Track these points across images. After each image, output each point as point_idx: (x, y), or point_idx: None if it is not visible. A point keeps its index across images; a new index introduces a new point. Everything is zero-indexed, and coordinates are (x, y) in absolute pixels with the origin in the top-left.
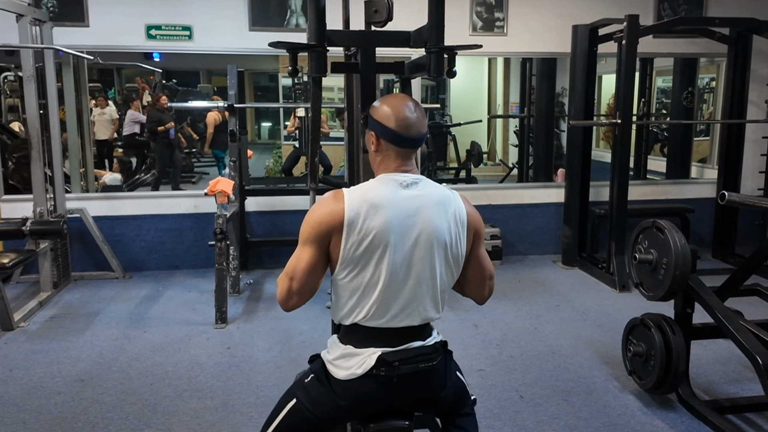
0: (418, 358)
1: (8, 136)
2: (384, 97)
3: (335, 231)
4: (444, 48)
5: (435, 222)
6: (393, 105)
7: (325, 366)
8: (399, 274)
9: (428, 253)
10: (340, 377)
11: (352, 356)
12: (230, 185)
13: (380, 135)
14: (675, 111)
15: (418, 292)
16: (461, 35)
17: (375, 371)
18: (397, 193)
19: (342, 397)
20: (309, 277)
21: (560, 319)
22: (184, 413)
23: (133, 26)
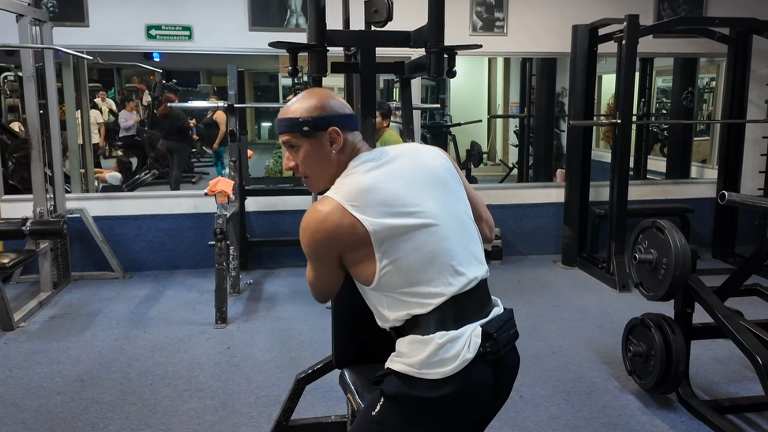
0: (508, 324)
1: (8, 136)
2: (306, 95)
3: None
4: (444, 48)
5: (431, 162)
6: (328, 95)
7: (407, 380)
8: (442, 220)
9: (448, 190)
10: (447, 373)
11: (455, 340)
12: (230, 185)
13: (345, 126)
14: (675, 111)
15: (465, 232)
16: (461, 35)
17: (482, 349)
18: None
19: (449, 400)
20: (334, 286)
21: (560, 319)
22: (184, 413)
23: (133, 26)
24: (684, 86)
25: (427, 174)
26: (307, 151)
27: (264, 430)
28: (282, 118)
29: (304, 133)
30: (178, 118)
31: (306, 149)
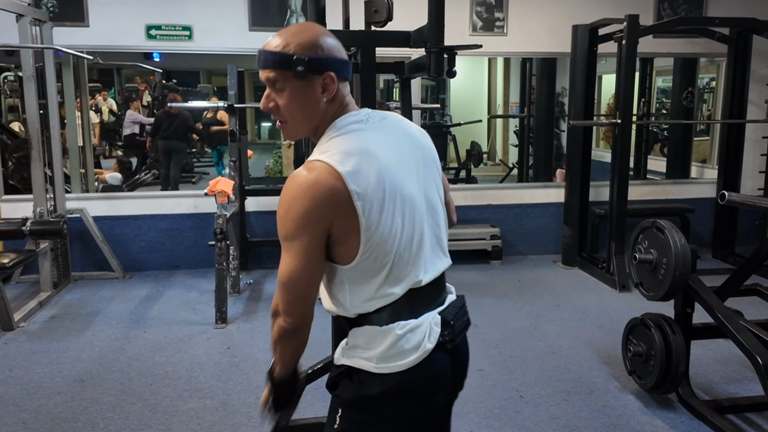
0: (462, 311)
1: (8, 136)
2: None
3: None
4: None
5: (417, 135)
6: (324, 32)
7: (364, 379)
8: (417, 205)
9: (428, 170)
10: (407, 365)
11: (415, 330)
12: (230, 185)
13: (341, 73)
14: (675, 111)
15: (436, 219)
16: (461, 35)
17: (441, 338)
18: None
19: (410, 395)
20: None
21: (560, 319)
22: (184, 413)
23: (133, 26)
24: (684, 86)
25: (413, 147)
26: (293, 93)
27: (264, 430)
28: (269, 50)
29: (296, 73)
30: (188, 119)
31: (292, 91)
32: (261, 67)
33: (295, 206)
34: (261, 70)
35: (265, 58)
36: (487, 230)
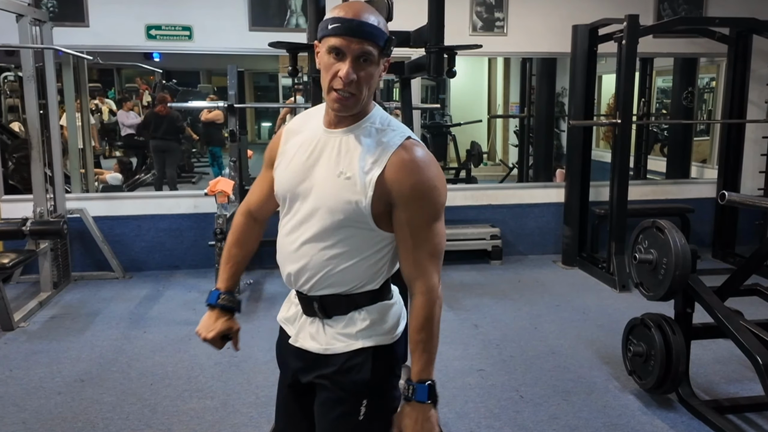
0: None
1: (8, 136)
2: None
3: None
4: (444, 48)
5: None
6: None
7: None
8: None
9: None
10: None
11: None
12: (230, 185)
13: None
14: (675, 111)
15: None
16: (461, 35)
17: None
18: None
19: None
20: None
21: (560, 319)
22: (184, 413)
23: (133, 26)
24: (684, 86)
25: None
26: (375, 68)
27: (264, 430)
28: (372, 24)
29: (384, 51)
30: (177, 119)
31: (374, 68)
32: (361, 37)
33: (443, 179)
34: (359, 40)
35: (369, 30)
36: (487, 230)
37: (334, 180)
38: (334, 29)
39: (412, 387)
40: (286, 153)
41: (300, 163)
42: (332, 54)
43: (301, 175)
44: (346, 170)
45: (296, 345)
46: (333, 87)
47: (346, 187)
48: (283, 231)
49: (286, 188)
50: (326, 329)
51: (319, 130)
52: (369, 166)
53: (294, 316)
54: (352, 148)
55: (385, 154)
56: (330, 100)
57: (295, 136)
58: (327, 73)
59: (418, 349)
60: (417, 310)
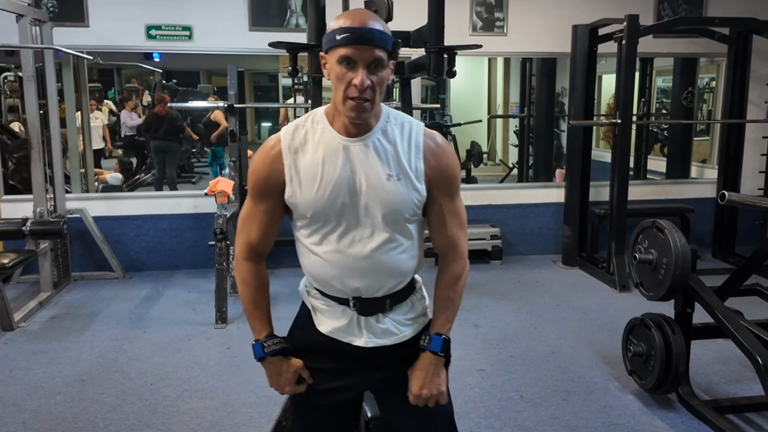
0: None
1: (8, 136)
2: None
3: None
4: (444, 48)
5: None
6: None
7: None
8: None
9: None
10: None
11: None
12: (230, 185)
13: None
14: (675, 111)
15: None
16: (461, 35)
17: None
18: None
19: None
20: None
21: (560, 319)
22: (184, 413)
23: (133, 26)
24: (684, 86)
25: None
26: (386, 73)
27: (264, 430)
28: (377, 29)
29: (392, 54)
30: (176, 119)
31: (385, 72)
32: (372, 44)
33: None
34: (370, 47)
35: (379, 37)
36: (487, 230)
37: (384, 184)
38: (343, 39)
39: (429, 337)
40: (302, 173)
41: (333, 178)
42: (343, 64)
43: (340, 189)
44: (395, 172)
45: (369, 346)
46: (348, 96)
47: (400, 187)
48: (330, 247)
49: (323, 206)
50: (391, 320)
51: (336, 141)
52: (413, 162)
53: (349, 323)
54: (387, 149)
55: (418, 148)
56: (346, 109)
57: (302, 153)
58: (340, 83)
59: (443, 306)
60: (450, 272)
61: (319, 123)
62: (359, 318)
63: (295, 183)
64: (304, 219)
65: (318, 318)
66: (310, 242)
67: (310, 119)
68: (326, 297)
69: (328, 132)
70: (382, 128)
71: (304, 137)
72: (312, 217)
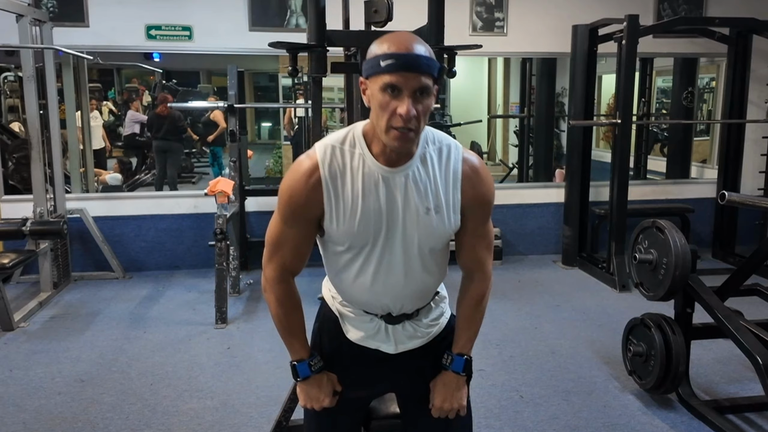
0: None
1: (8, 136)
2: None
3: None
4: (444, 48)
5: None
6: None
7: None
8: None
9: None
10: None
11: None
12: (230, 185)
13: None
14: (675, 111)
15: None
16: (461, 35)
17: None
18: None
19: None
20: None
21: (560, 319)
22: (184, 413)
23: (133, 26)
24: (684, 86)
25: None
26: (431, 102)
27: (264, 430)
28: (424, 55)
29: (437, 80)
30: (178, 119)
31: (431, 99)
32: (419, 71)
33: (492, 179)
34: (416, 75)
35: (426, 63)
36: None
37: (424, 218)
38: (388, 66)
39: (451, 357)
40: (342, 204)
41: (372, 210)
42: (387, 91)
43: (379, 221)
44: (433, 205)
45: (398, 352)
46: (392, 125)
47: (437, 221)
48: (364, 274)
49: (361, 238)
50: (415, 326)
51: (375, 169)
52: (450, 194)
53: (377, 332)
54: (428, 181)
55: (456, 177)
56: (390, 139)
57: (342, 182)
58: (384, 112)
59: (465, 325)
60: (474, 291)
61: (357, 147)
62: (386, 326)
63: (333, 214)
64: (339, 246)
65: (345, 326)
66: (343, 266)
67: (348, 142)
68: (354, 306)
69: (368, 159)
70: (421, 155)
71: (342, 163)
72: (349, 247)
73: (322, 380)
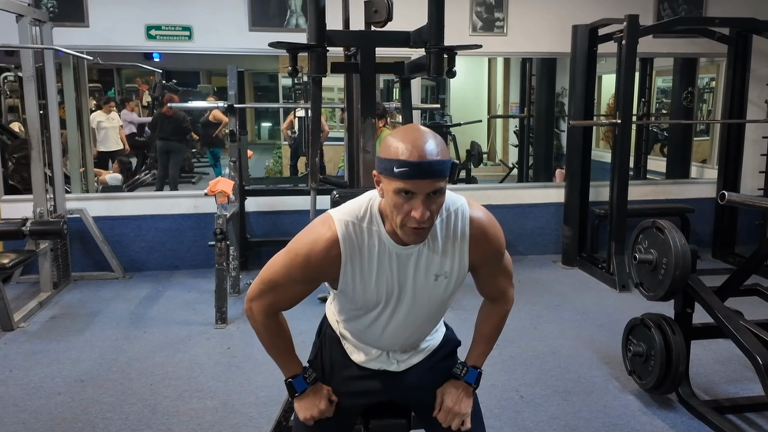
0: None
1: (8, 136)
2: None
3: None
4: (444, 48)
5: None
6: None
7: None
8: None
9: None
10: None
11: None
12: (230, 185)
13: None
14: (675, 111)
15: None
16: (461, 35)
17: None
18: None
19: None
20: None
21: (560, 319)
22: (184, 413)
23: (133, 26)
24: (684, 86)
25: None
26: (443, 198)
27: (264, 430)
28: (439, 160)
29: (450, 177)
30: (183, 120)
31: (443, 196)
32: (434, 178)
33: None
34: (432, 180)
35: (439, 169)
36: None
37: (433, 284)
38: (401, 174)
39: (466, 369)
40: (357, 276)
41: (385, 279)
42: (401, 194)
43: (391, 288)
44: (441, 272)
45: (401, 370)
46: (406, 224)
47: (446, 285)
48: (374, 327)
49: (370, 303)
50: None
51: (390, 246)
52: (457, 260)
53: (380, 356)
54: (436, 253)
55: (464, 241)
56: (404, 234)
57: (360, 257)
58: (398, 212)
59: (483, 341)
60: (496, 311)
61: (374, 224)
62: (389, 352)
63: (348, 284)
64: (351, 304)
65: (348, 347)
66: (354, 317)
67: (366, 220)
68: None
69: (384, 237)
70: (432, 232)
71: (360, 240)
72: (361, 308)
73: (317, 389)
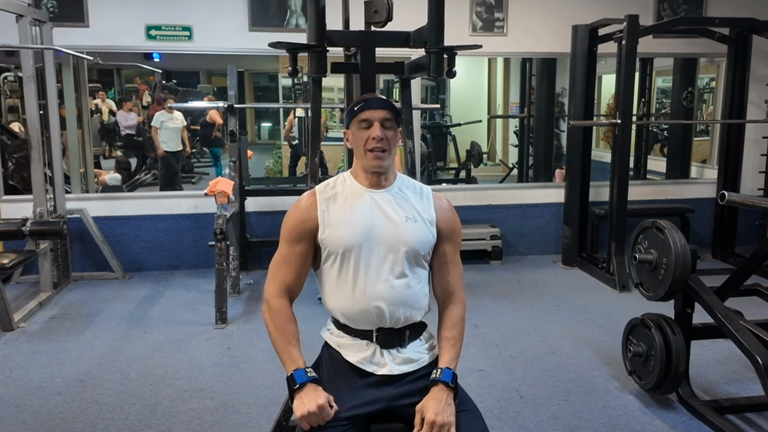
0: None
1: (8, 137)
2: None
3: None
4: (444, 48)
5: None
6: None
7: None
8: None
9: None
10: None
11: None
12: (230, 185)
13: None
14: (675, 111)
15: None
16: (461, 35)
17: None
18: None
19: None
20: None
21: (560, 319)
22: (184, 414)
23: (132, 26)
24: (684, 86)
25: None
26: (395, 133)
27: (264, 430)
28: (385, 99)
29: (397, 119)
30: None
31: (395, 132)
32: (381, 107)
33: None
34: (380, 110)
35: (388, 104)
36: (487, 230)
37: (403, 225)
38: (360, 107)
39: (440, 370)
40: (333, 217)
41: (360, 219)
42: (363, 125)
43: (367, 228)
44: (410, 216)
45: (393, 374)
46: (368, 148)
47: (416, 228)
48: (359, 281)
49: (351, 241)
50: (409, 350)
51: (361, 191)
52: (425, 211)
53: (374, 354)
54: (404, 200)
55: (429, 202)
56: (368, 160)
57: (334, 202)
58: (361, 141)
59: (449, 345)
60: (451, 314)
61: (347, 180)
62: (382, 350)
63: (327, 225)
64: (335, 256)
65: (345, 353)
66: (341, 279)
67: (340, 179)
68: (351, 334)
69: (355, 185)
70: (399, 186)
71: (334, 192)
72: (344, 254)
73: (317, 388)
